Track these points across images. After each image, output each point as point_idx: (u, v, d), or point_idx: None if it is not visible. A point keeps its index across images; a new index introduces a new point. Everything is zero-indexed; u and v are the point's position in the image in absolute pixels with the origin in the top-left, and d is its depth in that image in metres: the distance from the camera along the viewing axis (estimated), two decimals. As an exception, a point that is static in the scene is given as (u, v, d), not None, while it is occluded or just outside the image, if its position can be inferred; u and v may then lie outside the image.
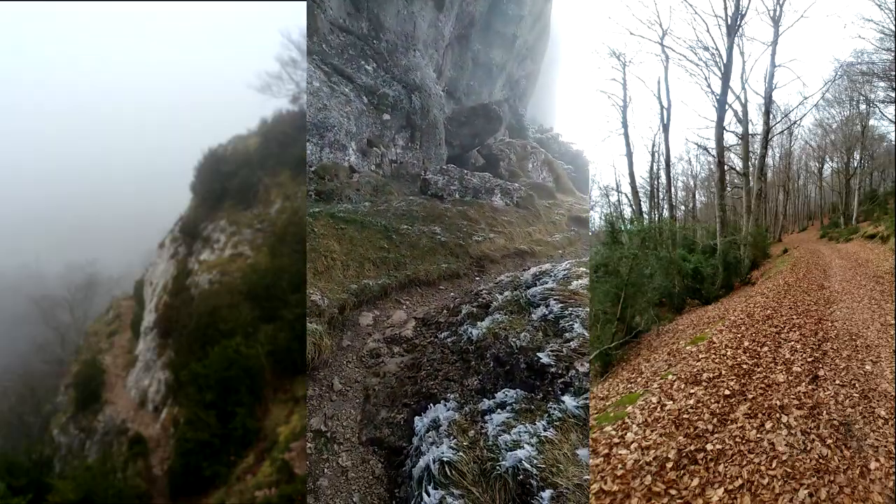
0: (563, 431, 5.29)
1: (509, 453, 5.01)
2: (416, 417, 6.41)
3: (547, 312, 7.88)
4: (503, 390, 6.36)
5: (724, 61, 17.93)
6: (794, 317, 9.09)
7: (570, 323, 7.37)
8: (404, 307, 10.59)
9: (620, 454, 4.37)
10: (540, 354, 6.67)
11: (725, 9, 17.50)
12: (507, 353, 7.04)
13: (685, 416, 5.00)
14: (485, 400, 6.31)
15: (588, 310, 7.76)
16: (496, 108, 25.06)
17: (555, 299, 8.21)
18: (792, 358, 6.69)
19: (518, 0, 27.16)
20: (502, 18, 26.65)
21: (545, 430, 5.30)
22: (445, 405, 6.45)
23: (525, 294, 8.90)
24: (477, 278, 12.53)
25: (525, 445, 5.06)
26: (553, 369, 6.35)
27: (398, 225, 13.44)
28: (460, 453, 5.26)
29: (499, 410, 5.94)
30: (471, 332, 8.00)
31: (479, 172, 19.46)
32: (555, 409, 5.66)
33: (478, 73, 27.29)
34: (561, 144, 32.71)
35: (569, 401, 5.72)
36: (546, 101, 46.22)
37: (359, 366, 8.34)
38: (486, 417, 5.87)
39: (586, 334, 7.04)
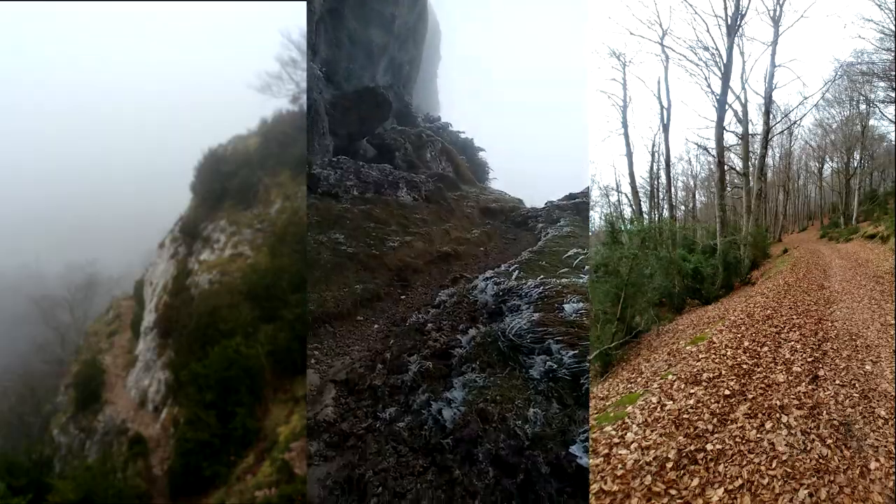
0: None
1: None
2: None
3: (553, 365, 5.27)
4: None
5: (724, 61, 17.98)
6: (794, 317, 9.09)
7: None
8: (313, 363, 7.39)
9: (620, 454, 4.36)
10: (573, 450, 4.15)
11: (725, 9, 17.57)
12: (514, 450, 4.37)
13: (685, 416, 4.99)
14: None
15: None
16: (383, 93, 22.22)
17: (556, 340, 5.58)
18: (792, 358, 6.69)
19: (392, -25, 24.43)
20: (377, -6, 23.96)
21: None
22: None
23: (502, 332, 5.97)
24: (402, 297, 9.98)
25: None
26: (598, 472, 3.67)
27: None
28: None
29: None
30: (440, 413, 5.04)
31: (376, 164, 16.95)
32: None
33: (357, 54, 24.25)
34: (451, 133, 30.14)
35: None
36: (429, 89, 43.11)
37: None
38: None
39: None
